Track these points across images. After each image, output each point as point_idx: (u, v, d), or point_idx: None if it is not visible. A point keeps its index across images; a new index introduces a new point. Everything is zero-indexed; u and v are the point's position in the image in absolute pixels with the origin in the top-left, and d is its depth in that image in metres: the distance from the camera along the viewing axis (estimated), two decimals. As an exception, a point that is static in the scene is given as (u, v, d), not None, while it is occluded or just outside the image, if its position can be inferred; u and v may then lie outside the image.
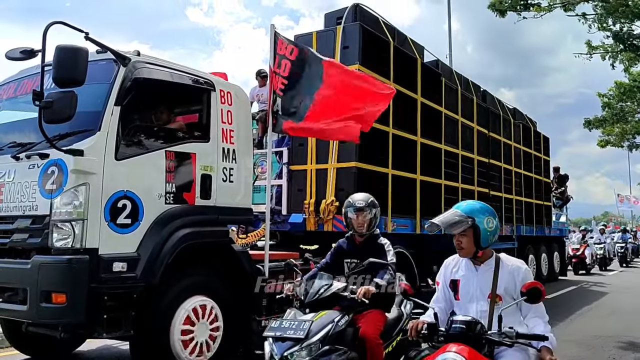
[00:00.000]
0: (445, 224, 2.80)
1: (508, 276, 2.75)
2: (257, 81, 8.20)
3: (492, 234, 2.79)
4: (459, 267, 2.94)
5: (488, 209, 2.86)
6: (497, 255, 2.87)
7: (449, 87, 9.02)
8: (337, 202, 6.56)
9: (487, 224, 2.77)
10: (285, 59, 5.39)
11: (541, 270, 13.39)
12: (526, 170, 12.66)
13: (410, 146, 7.77)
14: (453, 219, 2.80)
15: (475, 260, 2.85)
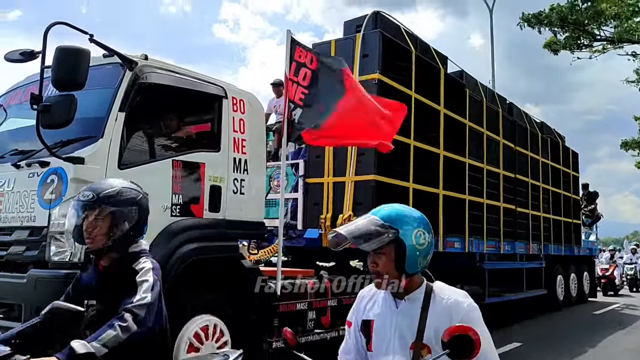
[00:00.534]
0: (354, 235, 1.89)
1: (442, 316, 1.84)
2: (274, 92, 7.98)
3: (423, 254, 1.93)
4: (375, 302, 2.02)
5: (420, 218, 1.97)
6: (430, 284, 1.97)
7: (473, 99, 8.68)
8: (355, 216, 6.25)
9: (417, 238, 1.89)
10: (305, 68, 5.16)
11: (570, 292, 12.82)
12: (554, 186, 12.18)
13: (432, 159, 7.44)
14: (367, 228, 1.89)
15: (396, 292, 1.94)
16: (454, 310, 1.85)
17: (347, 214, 6.27)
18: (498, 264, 9.48)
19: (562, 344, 8.12)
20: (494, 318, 10.55)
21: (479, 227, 8.55)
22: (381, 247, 1.88)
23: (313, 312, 5.44)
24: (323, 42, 6.93)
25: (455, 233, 7.91)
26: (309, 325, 5.42)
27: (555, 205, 12.18)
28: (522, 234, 10.29)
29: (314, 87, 5.05)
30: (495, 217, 9.25)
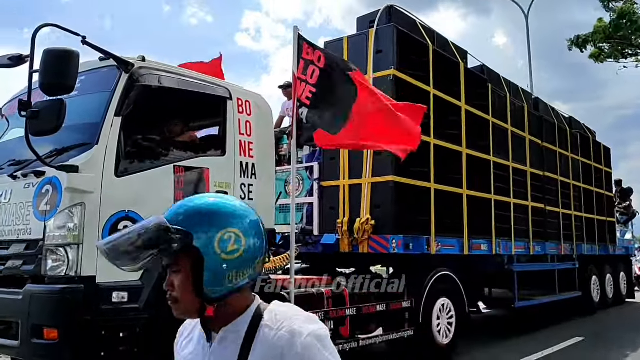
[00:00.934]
0: (117, 249, 1.22)
1: (268, 357, 1.25)
2: (284, 95, 7.75)
3: (237, 267, 1.27)
4: (191, 339, 1.44)
5: (231, 214, 1.31)
6: (260, 310, 1.32)
7: (496, 94, 8.31)
8: (373, 220, 5.97)
9: (223, 244, 1.26)
10: (312, 65, 4.91)
11: (606, 293, 12.24)
12: (586, 183, 11.66)
13: (454, 158, 7.09)
14: (140, 234, 1.22)
15: (206, 324, 1.34)
16: (286, 347, 1.23)
17: (365, 218, 5.99)
18: (528, 266, 9.06)
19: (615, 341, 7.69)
20: (526, 322, 10.19)
21: (506, 228, 8.15)
22: (176, 261, 1.27)
23: (330, 322, 5.16)
24: (335, 40, 6.67)
25: (482, 235, 7.54)
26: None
27: (588, 203, 11.65)
28: (553, 234, 9.83)
29: (323, 87, 4.79)
30: (524, 217, 8.84)
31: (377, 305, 5.67)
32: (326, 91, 4.80)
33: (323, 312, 4.99)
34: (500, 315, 11.05)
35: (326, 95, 4.80)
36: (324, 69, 4.86)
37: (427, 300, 6.28)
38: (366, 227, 5.94)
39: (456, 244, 6.97)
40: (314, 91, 4.80)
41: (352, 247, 6.06)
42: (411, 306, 6.07)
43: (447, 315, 6.60)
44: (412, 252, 6.11)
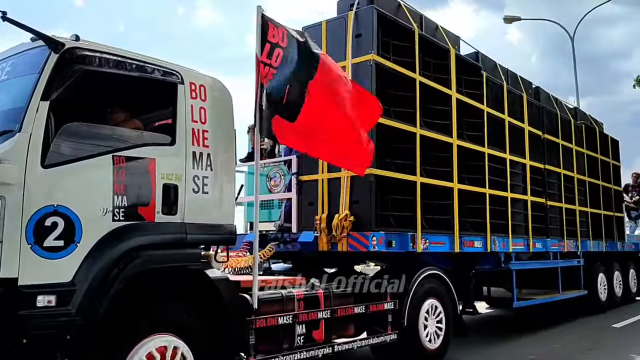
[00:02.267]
0: None
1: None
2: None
3: None
4: None
5: None
6: None
7: (492, 83, 7.85)
8: (352, 216, 5.57)
9: None
10: (278, 47, 4.52)
11: (614, 291, 11.70)
12: (591, 177, 11.14)
13: (444, 150, 6.66)
14: None
15: None
16: None
17: (344, 214, 5.58)
18: (527, 264, 8.60)
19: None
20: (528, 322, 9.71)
21: (503, 224, 7.71)
22: None
23: (302, 325, 4.77)
24: (314, 25, 6.25)
25: (475, 231, 7.11)
26: (297, 341, 4.75)
27: (594, 198, 11.13)
28: (555, 230, 9.35)
29: (283, 66, 4.41)
30: (523, 212, 8.38)
31: (355, 307, 5.27)
32: (286, 70, 4.42)
33: (291, 316, 4.60)
34: (501, 315, 10.57)
35: (285, 71, 4.42)
36: (285, 48, 4.49)
37: (412, 301, 5.86)
38: (345, 223, 5.54)
39: (446, 240, 6.54)
40: (275, 73, 4.42)
41: (331, 245, 5.66)
42: (394, 308, 5.65)
43: (435, 318, 6.18)
44: (394, 250, 5.70)
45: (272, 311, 4.53)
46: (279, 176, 6.75)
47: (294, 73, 4.44)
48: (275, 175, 6.82)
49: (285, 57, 4.49)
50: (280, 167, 6.73)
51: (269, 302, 4.55)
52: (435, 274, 6.30)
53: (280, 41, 4.51)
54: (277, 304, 4.63)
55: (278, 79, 4.42)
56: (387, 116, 5.83)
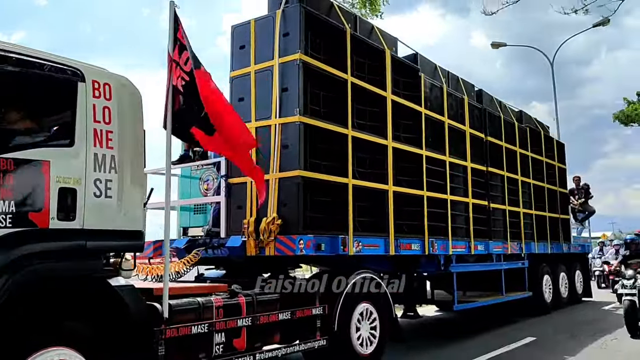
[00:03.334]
0: None
1: None
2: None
3: None
4: None
5: None
6: None
7: (430, 85, 7.84)
8: (280, 219, 5.42)
9: None
10: (186, 50, 4.36)
11: (559, 293, 11.86)
12: (536, 179, 11.28)
13: (378, 152, 6.59)
14: None
15: None
16: None
17: (271, 217, 5.43)
18: (468, 266, 8.59)
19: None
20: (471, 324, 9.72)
21: (442, 227, 7.68)
22: None
23: (220, 334, 4.58)
24: (243, 23, 6.10)
25: (413, 233, 7.04)
26: (215, 351, 4.56)
27: (539, 200, 11.28)
28: (499, 232, 9.41)
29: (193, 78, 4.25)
30: (464, 214, 8.39)
31: (280, 313, 5.11)
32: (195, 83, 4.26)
33: (207, 325, 4.41)
34: (448, 317, 10.57)
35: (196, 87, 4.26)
36: (195, 57, 4.34)
37: (344, 305, 5.73)
38: (272, 227, 5.39)
39: (381, 243, 6.45)
40: (188, 80, 4.25)
41: (259, 249, 5.50)
42: (323, 313, 5.52)
43: (369, 322, 6.07)
44: (324, 254, 5.56)
45: (186, 320, 4.33)
46: (211, 179, 6.56)
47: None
48: (209, 178, 6.62)
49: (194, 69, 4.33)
50: (213, 170, 6.55)
51: (183, 310, 4.35)
52: (370, 278, 6.20)
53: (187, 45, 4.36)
54: (193, 312, 4.43)
55: (192, 95, 4.24)
56: (317, 117, 5.72)
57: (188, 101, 4.24)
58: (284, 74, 5.59)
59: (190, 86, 4.23)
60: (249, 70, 5.92)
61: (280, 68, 5.63)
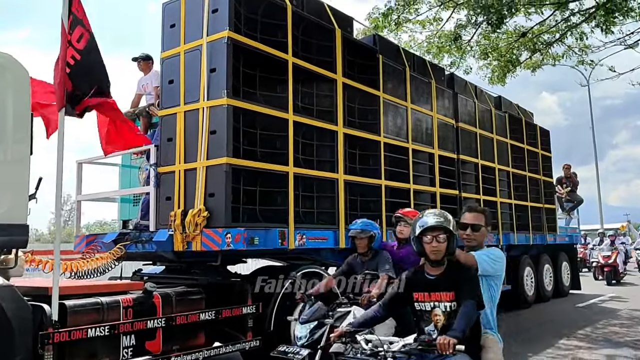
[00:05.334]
0: None
1: None
2: (139, 69, 6.73)
3: None
4: None
5: None
6: None
7: (391, 68, 7.38)
8: (207, 212, 5.00)
9: None
10: (81, 26, 3.96)
11: (543, 286, 11.43)
12: (517, 168, 10.81)
13: (326, 138, 6.15)
14: None
15: None
16: None
17: (197, 209, 5.01)
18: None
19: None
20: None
21: (404, 218, 7.22)
22: None
23: (129, 337, 4.19)
24: (173, 0, 5.66)
25: (369, 225, 6.60)
26: (124, 355, 4.16)
27: (520, 189, 10.81)
28: (471, 223, 8.93)
29: (87, 57, 3.87)
30: (431, 204, 7.92)
31: (202, 313, 4.70)
32: (89, 64, 3.89)
33: (108, 327, 4.00)
34: None
35: (91, 68, 3.88)
36: (92, 37, 3.95)
37: (282, 304, 5.33)
38: (198, 219, 4.97)
39: (330, 236, 6.03)
40: (79, 59, 3.85)
41: (186, 244, 5.09)
42: (256, 312, 5.12)
43: (313, 320, 5.65)
44: (257, 248, 5.15)
45: (85, 322, 3.94)
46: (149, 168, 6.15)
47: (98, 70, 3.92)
48: (147, 168, 6.21)
49: (90, 45, 3.94)
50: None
51: (81, 311, 3.96)
52: (315, 273, 5.79)
53: (85, 22, 3.96)
54: (94, 313, 4.04)
55: (82, 74, 3.86)
56: (252, 100, 5.29)
57: (76, 79, 3.84)
58: (212, 54, 5.16)
59: (82, 64, 3.84)
60: (178, 50, 5.50)
61: (208, 47, 5.20)
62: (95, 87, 3.95)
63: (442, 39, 12.37)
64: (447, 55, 12.72)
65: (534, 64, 13.63)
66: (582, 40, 12.35)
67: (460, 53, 12.59)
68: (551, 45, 12.90)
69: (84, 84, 3.86)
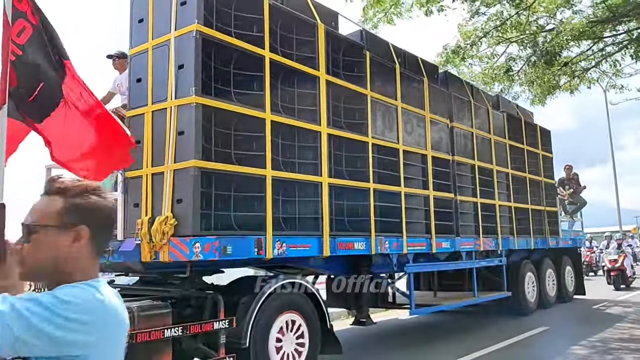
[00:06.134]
0: None
1: None
2: (114, 67, 6.39)
3: None
4: None
5: None
6: None
7: (379, 65, 7.01)
8: (174, 219, 4.63)
9: None
10: (24, 19, 3.61)
11: (546, 291, 11.01)
12: (517, 169, 10.41)
13: (309, 139, 5.78)
14: None
15: None
16: None
17: (164, 217, 4.64)
18: (426, 266, 7.79)
19: None
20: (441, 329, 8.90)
21: (394, 222, 6.86)
22: None
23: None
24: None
25: (356, 231, 6.24)
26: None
27: (519, 192, 10.40)
28: (468, 227, 8.55)
29: (32, 53, 3.52)
30: (424, 208, 7.55)
31: (167, 329, 4.33)
32: (35, 61, 3.53)
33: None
34: (407, 322, 9.67)
35: (36, 66, 3.53)
36: (35, 30, 3.59)
37: (260, 317, 4.96)
38: (165, 227, 4.59)
39: (314, 243, 5.65)
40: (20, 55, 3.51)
41: (154, 254, 4.71)
42: (230, 326, 4.74)
43: (294, 335, 5.29)
44: (231, 258, 4.78)
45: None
46: (114, 172, 5.79)
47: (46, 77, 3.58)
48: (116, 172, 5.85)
49: (34, 45, 3.60)
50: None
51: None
52: (297, 284, 5.42)
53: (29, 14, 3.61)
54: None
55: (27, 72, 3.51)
56: (224, 98, 4.93)
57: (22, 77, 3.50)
58: (180, 49, 4.80)
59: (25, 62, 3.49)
60: (146, 46, 5.14)
61: (176, 42, 4.84)
62: (41, 84, 3.60)
63: (495, 70, 14.59)
64: (497, 83, 14.97)
65: (571, 87, 15.40)
66: (615, 67, 14.40)
67: (510, 82, 14.62)
68: (587, 71, 14.87)
69: (26, 81, 3.51)
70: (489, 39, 13.50)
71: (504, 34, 13.14)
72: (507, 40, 13.47)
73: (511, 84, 14.78)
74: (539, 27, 13.01)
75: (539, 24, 13.05)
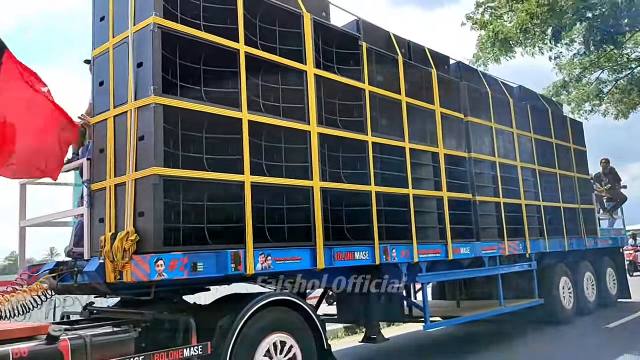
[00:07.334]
0: None
1: None
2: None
3: None
4: None
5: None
6: None
7: (378, 56, 6.40)
8: (136, 234, 4.13)
9: None
10: None
11: (585, 296, 10.10)
12: (545, 165, 9.57)
13: (298, 140, 5.23)
14: None
15: None
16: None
17: (125, 232, 4.14)
18: (440, 275, 7.09)
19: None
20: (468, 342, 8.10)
21: (402, 228, 6.22)
22: None
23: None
24: (100, -13, 4.89)
25: (357, 239, 5.63)
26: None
27: (549, 189, 9.56)
28: (491, 230, 7.82)
29: None
30: (437, 211, 6.88)
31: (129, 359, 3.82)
32: None
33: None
34: (426, 336, 8.90)
35: None
36: None
37: (242, 339, 4.40)
38: (126, 244, 4.10)
39: (306, 255, 5.08)
40: None
41: (118, 273, 4.23)
42: (204, 353, 4.20)
43: (284, 358, 4.71)
44: (202, 276, 4.25)
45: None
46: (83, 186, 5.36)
47: None
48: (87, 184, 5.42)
49: None
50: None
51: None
52: (285, 301, 4.85)
53: None
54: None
55: None
56: (192, 98, 4.43)
57: None
58: (139, 46, 4.33)
59: None
60: (107, 46, 4.70)
61: (135, 38, 4.38)
62: None
63: (587, 92, 18.66)
64: (588, 103, 18.94)
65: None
66: None
67: (600, 101, 18.67)
68: None
69: None
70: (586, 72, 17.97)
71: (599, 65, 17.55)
72: (600, 68, 18.02)
73: (600, 102, 18.73)
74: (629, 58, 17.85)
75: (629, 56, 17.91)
